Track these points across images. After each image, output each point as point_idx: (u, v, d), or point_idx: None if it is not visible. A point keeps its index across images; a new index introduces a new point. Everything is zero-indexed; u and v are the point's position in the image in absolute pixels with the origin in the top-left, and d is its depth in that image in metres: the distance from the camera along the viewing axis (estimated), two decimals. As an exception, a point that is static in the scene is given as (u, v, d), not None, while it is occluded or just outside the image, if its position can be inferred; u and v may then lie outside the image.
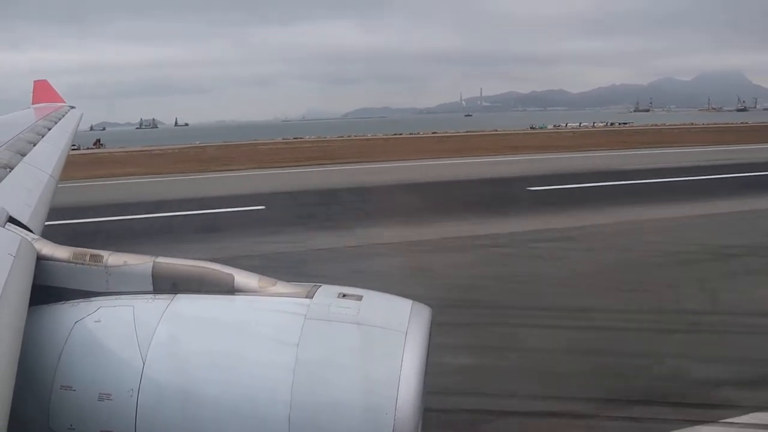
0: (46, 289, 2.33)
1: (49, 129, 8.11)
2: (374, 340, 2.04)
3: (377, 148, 48.51)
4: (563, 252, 14.32)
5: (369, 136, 74.68)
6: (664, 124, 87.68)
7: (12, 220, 2.76)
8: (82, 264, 2.36)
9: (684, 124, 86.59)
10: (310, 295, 2.19)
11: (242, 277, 2.28)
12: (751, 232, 15.92)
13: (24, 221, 2.90)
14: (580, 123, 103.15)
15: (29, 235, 2.57)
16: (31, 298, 2.09)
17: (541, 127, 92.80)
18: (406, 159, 37.55)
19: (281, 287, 2.25)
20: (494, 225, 17.25)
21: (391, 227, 17.16)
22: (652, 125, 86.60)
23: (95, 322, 2.17)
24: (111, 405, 2.02)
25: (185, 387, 2.02)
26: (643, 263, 13.26)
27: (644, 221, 17.32)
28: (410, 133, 75.43)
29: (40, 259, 2.38)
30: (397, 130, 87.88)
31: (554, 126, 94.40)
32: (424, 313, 2.18)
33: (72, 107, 13.76)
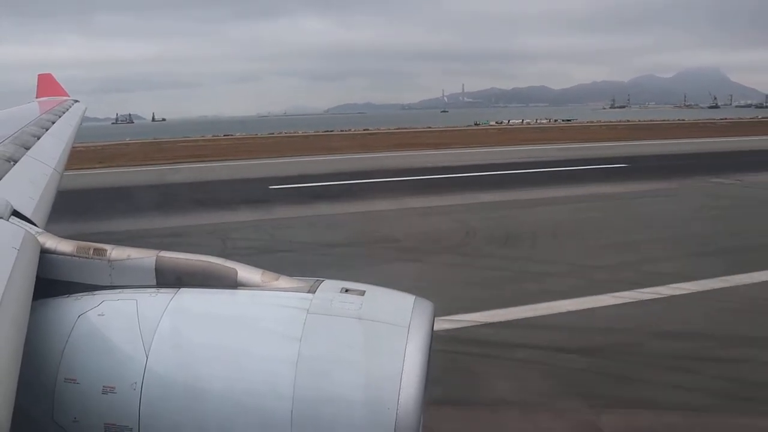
0: (50, 283, 2.35)
1: (54, 122, 8.21)
2: (377, 335, 2.05)
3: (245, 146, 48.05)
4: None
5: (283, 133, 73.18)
6: (610, 122, 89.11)
7: (16, 213, 2.78)
8: (86, 257, 2.37)
9: (623, 121, 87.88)
10: (312, 290, 2.21)
11: (245, 272, 2.29)
12: (385, 227, 16.16)
13: (28, 214, 2.92)
14: (523, 120, 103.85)
15: (33, 229, 2.59)
16: (34, 291, 2.10)
17: (484, 123, 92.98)
18: (237, 159, 36.77)
19: (284, 282, 2.27)
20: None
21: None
22: (597, 122, 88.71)
23: (99, 315, 2.18)
24: (114, 398, 2.04)
25: (188, 380, 2.03)
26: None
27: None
28: (305, 132, 74.03)
29: (44, 253, 2.39)
30: (364, 125, 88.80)
31: (497, 122, 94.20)
32: (426, 308, 2.20)
33: (76, 101, 13.76)
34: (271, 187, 23.83)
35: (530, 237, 14.90)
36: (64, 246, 2.41)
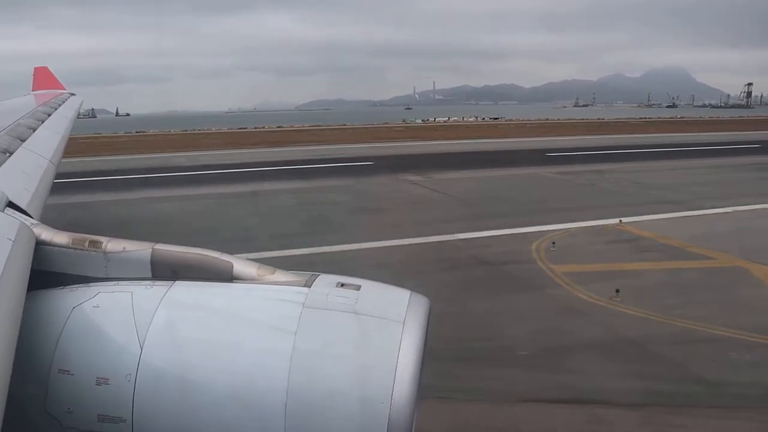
0: (45, 274, 2.34)
1: (49, 115, 8.23)
2: (372, 330, 2.05)
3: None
4: None
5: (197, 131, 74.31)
6: (547, 119, 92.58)
7: (11, 204, 2.78)
8: (81, 249, 2.36)
9: (552, 120, 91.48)
10: (308, 284, 2.21)
11: (241, 265, 2.29)
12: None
13: (23, 206, 2.92)
14: (449, 117, 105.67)
15: (28, 220, 2.59)
16: (29, 282, 2.09)
17: (411, 121, 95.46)
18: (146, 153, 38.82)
19: (280, 275, 2.27)
20: None
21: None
22: (526, 120, 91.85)
23: (94, 307, 2.18)
24: (108, 389, 2.04)
25: (183, 373, 2.03)
26: None
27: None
28: (243, 128, 75.69)
29: (39, 244, 2.39)
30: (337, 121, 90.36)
31: (423, 121, 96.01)
32: (422, 303, 2.20)
33: (72, 94, 13.64)
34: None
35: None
36: (60, 238, 2.41)
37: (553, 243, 14.12)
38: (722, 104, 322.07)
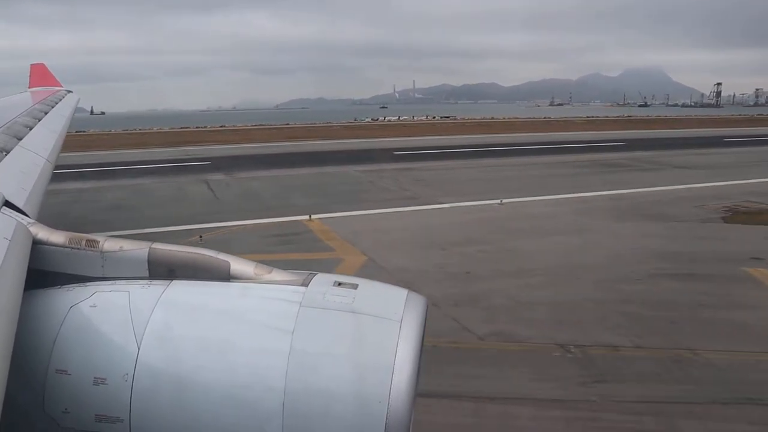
0: (42, 274, 2.34)
1: (46, 113, 8.16)
2: (369, 329, 2.05)
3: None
4: None
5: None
6: (492, 117, 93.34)
7: (8, 204, 2.77)
8: (78, 249, 2.36)
9: (500, 118, 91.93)
10: (305, 283, 2.21)
11: (238, 264, 2.29)
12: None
13: (20, 205, 2.91)
14: (399, 116, 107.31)
15: (25, 220, 2.58)
16: (26, 282, 2.08)
17: (362, 120, 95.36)
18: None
19: (277, 275, 2.27)
20: None
21: None
22: (470, 119, 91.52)
23: (90, 306, 2.17)
24: (106, 389, 2.03)
25: (180, 372, 2.02)
26: None
27: None
28: (197, 127, 75.21)
29: (36, 244, 2.38)
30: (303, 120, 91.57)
31: (372, 119, 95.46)
32: (419, 302, 2.20)
33: (69, 91, 13.48)
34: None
35: None
36: (57, 237, 2.41)
37: (201, 236, 13.86)
38: (693, 103, 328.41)
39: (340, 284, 2.20)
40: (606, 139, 43.33)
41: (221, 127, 72.80)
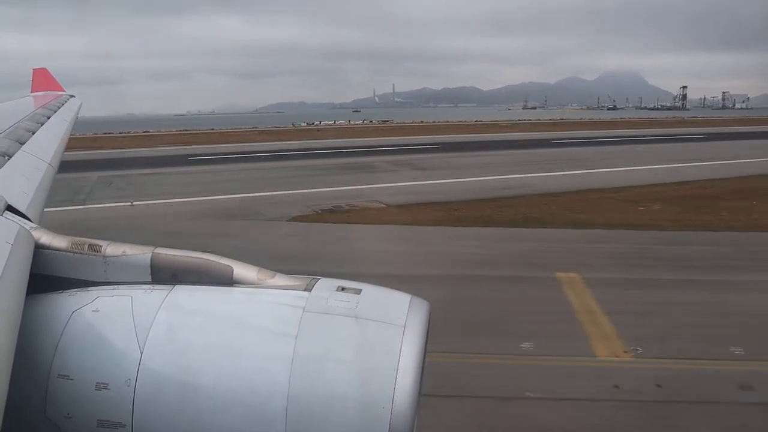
0: (44, 278, 2.33)
1: (48, 117, 8.13)
2: (372, 334, 2.05)
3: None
4: None
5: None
6: (435, 121, 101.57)
7: (10, 208, 2.76)
8: (81, 253, 2.36)
9: (428, 121, 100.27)
10: (308, 288, 2.20)
11: (241, 269, 2.29)
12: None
13: (22, 209, 2.91)
14: (335, 121, 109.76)
15: (27, 224, 2.57)
16: (28, 287, 2.08)
17: (298, 124, 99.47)
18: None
19: (280, 279, 2.27)
20: None
21: None
22: (413, 122, 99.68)
23: (93, 311, 2.17)
24: (108, 394, 2.02)
25: (183, 378, 2.02)
26: None
27: None
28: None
29: (38, 248, 2.37)
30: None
31: (306, 124, 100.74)
32: (422, 307, 2.19)
33: (71, 96, 13.35)
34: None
35: None
36: (59, 241, 2.41)
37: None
38: (660, 106, 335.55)
39: (343, 289, 2.20)
40: (426, 142, 49.69)
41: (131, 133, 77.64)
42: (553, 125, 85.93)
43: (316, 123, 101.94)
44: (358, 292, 2.18)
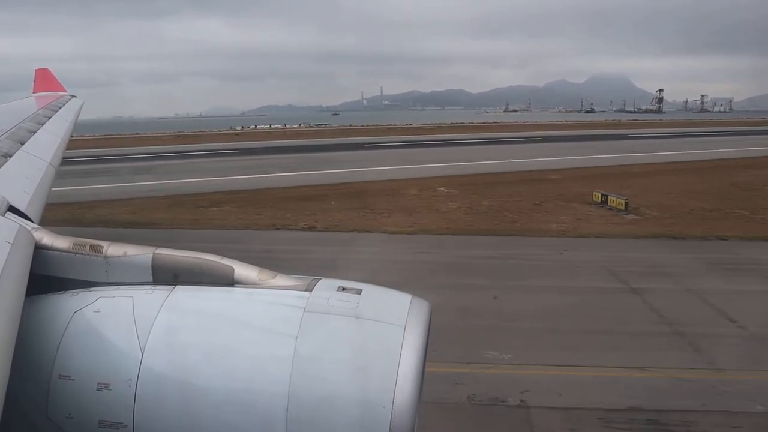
0: (45, 279, 2.33)
1: (49, 118, 8.19)
2: (373, 334, 2.05)
3: None
4: None
5: None
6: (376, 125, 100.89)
7: (12, 208, 2.77)
8: (82, 254, 2.36)
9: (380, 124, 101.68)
10: (309, 288, 2.21)
11: (242, 270, 2.29)
12: None
13: (22, 209, 2.92)
14: (285, 124, 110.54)
15: (28, 224, 2.57)
16: (29, 287, 2.08)
17: (234, 128, 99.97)
18: None
19: (281, 280, 2.27)
20: None
21: None
22: (347, 125, 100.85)
23: (94, 312, 2.17)
24: (109, 394, 2.03)
25: (184, 378, 2.02)
26: None
27: None
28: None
29: (40, 249, 2.37)
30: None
31: (242, 127, 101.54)
32: (423, 307, 2.19)
33: (73, 96, 13.38)
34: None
35: None
36: (60, 242, 2.41)
37: None
38: (636, 109, 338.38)
39: (344, 289, 2.20)
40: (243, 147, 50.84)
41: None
42: (480, 128, 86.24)
43: (252, 127, 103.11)
44: (359, 292, 2.19)
